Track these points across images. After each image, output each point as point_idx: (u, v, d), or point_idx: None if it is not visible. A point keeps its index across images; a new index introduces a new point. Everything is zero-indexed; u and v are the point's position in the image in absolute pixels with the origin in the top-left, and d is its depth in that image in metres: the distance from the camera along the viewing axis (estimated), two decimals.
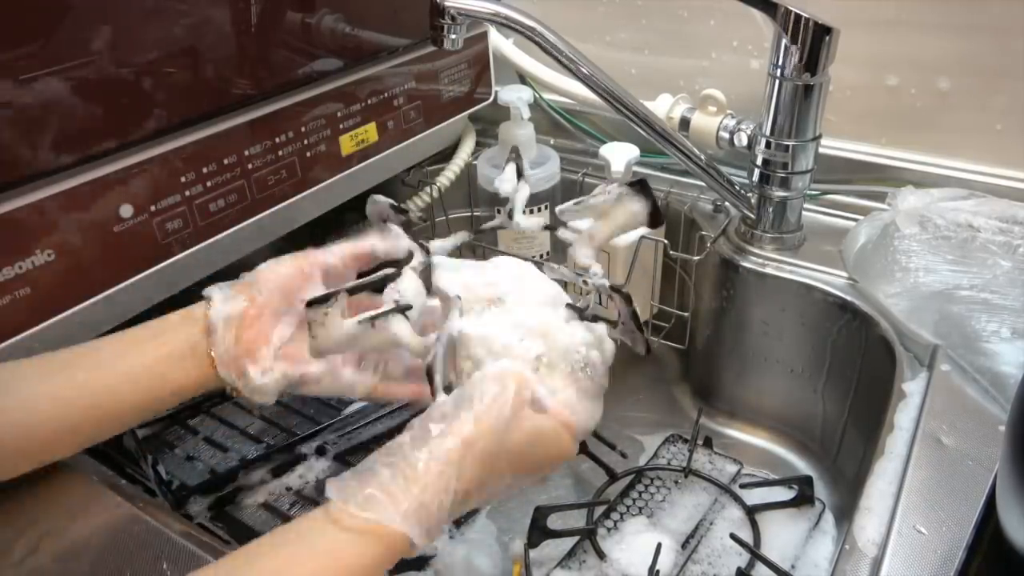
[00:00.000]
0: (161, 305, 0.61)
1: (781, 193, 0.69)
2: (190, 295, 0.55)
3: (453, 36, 0.60)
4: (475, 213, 0.93)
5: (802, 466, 0.75)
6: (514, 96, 0.78)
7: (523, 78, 0.89)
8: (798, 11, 0.60)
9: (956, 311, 0.57)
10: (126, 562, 0.43)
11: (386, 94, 0.73)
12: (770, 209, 0.71)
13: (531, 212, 0.82)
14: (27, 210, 0.48)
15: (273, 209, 0.64)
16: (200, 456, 0.69)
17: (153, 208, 0.55)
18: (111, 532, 0.45)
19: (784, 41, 0.62)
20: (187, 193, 0.57)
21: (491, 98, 0.86)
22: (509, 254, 0.64)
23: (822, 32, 0.61)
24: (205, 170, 0.58)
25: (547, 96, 0.90)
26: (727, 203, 0.77)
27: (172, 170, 0.56)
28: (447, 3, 0.58)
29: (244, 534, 0.63)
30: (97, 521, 0.46)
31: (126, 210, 0.53)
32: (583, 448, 0.72)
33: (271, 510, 0.65)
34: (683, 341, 0.78)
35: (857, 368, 0.67)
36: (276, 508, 0.66)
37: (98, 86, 0.50)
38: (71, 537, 0.45)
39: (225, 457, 0.69)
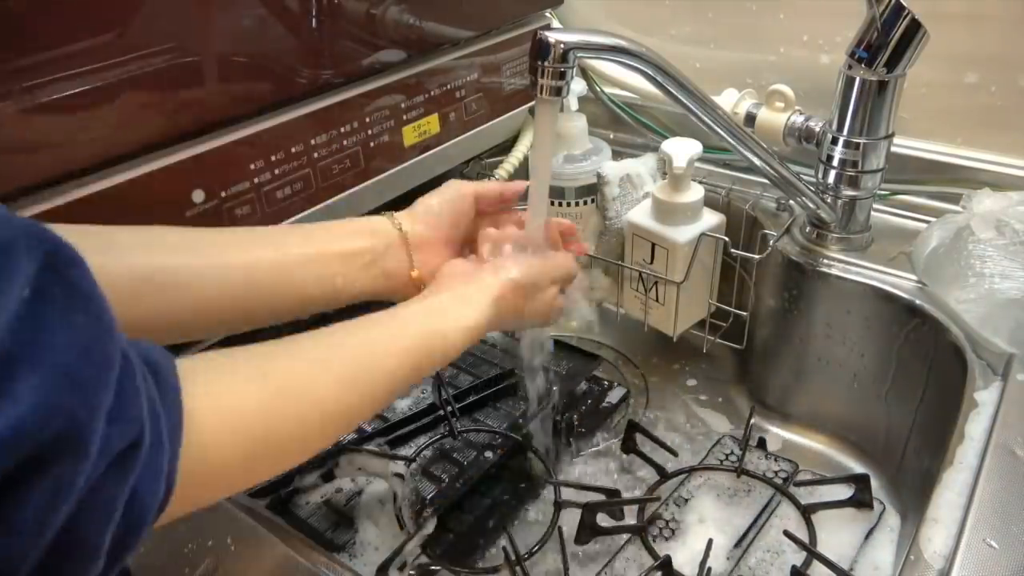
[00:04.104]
0: None
1: (850, 192, 0.67)
2: None
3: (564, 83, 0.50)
4: None
5: (862, 471, 0.73)
6: None
7: (584, 72, 0.89)
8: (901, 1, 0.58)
9: None
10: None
11: (449, 86, 0.74)
12: (838, 209, 0.69)
13: (583, 203, 0.82)
14: (107, 193, 0.50)
15: (336, 198, 0.65)
16: None
17: (223, 194, 0.56)
18: None
19: (875, 32, 0.60)
20: (256, 180, 0.58)
21: None
22: None
23: (915, 28, 0.59)
24: (273, 158, 0.59)
25: (608, 90, 0.89)
26: (792, 202, 0.75)
27: (242, 157, 0.57)
28: (560, 38, 0.49)
29: (304, 528, 0.66)
30: None
31: (198, 195, 0.55)
32: (633, 447, 0.72)
33: (329, 506, 0.67)
34: (740, 341, 0.77)
35: (925, 374, 0.65)
36: (334, 505, 0.67)
37: (173, 75, 0.52)
38: None
39: None
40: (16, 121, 0.45)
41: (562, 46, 0.49)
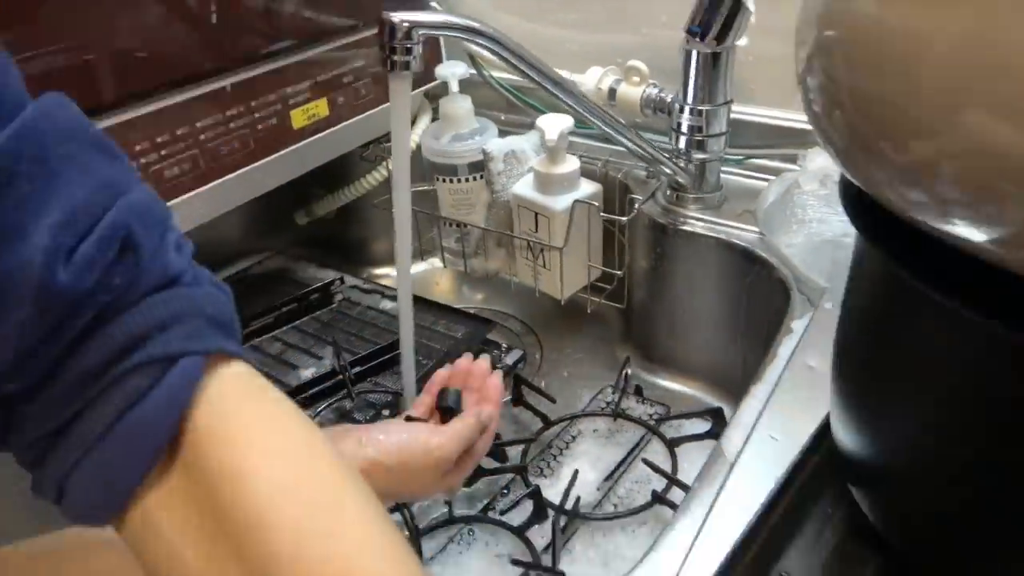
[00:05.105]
0: None
1: (700, 156, 0.74)
2: None
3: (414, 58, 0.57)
4: (431, 187, 0.98)
5: (726, 409, 0.80)
6: (447, 71, 0.83)
7: (473, 58, 0.94)
8: None
9: (844, 256, 0.62)
10: None
11: (336, 71, 0.79)
12: (691, 172, 0.76)
13: (472, 179, 0.87)
14: None
15: (225, 178, 0.70)
16: None
17: None
18: None
19: (704, 9, 0.67)
20: (142, 160, 0.63)
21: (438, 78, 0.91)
22: None
23: (738, 6, 0.66)
24: (159, 139, 0.64)
25: (496, 74, 0.95)
26: (655, 169, 0.82)
27: (126, 139, 0.61)
28: (404, 18, 0.55)
29: None
30: None
31: None
32: (520, 398, 0.78)
33: None
34: (623, 301, 0.84)
35: (768, 315, 0.72)
36: None
37: (59, 58, 0.56)
38: None
39: None
40: None
41: (406, 25, 0.55)
